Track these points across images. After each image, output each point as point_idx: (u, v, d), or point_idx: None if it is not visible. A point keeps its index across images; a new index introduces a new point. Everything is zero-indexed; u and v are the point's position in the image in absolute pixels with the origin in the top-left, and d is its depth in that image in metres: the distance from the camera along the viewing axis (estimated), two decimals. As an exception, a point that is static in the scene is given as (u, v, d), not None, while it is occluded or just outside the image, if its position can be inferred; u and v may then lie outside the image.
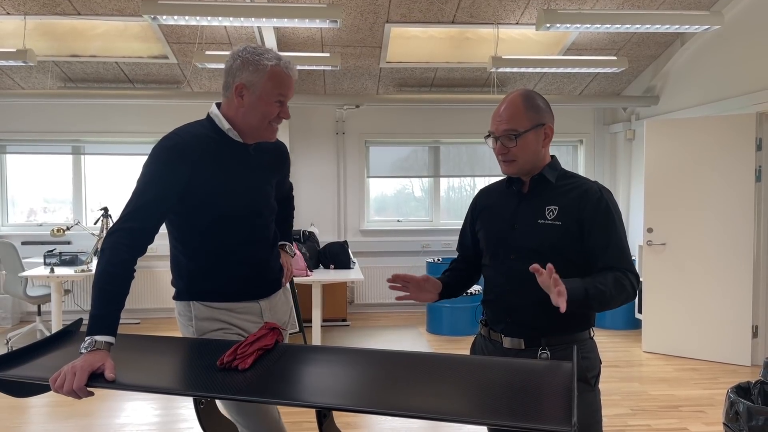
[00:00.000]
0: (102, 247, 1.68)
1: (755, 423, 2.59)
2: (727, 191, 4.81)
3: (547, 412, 1.23)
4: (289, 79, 1.87)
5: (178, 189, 1.78)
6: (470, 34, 5.60)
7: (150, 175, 1.79)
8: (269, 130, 1.90)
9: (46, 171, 6.72)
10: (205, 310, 1.89)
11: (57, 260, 5.32)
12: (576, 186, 1.78)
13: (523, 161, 1.78)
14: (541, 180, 1.81)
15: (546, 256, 1.67)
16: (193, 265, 1.90)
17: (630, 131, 6.53)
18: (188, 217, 1.85)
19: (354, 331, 6.03)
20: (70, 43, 5.56)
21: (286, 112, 1.89)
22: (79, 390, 1.47)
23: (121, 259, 1.65)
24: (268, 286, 2.03)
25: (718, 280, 4.87)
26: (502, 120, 1.77)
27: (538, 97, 1.81)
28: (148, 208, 1.75)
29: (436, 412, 1.25)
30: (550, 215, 1.75)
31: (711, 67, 5.24)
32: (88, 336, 1.54)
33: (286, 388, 1.42)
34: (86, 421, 3.70)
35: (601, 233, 1.72)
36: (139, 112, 6.50)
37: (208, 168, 1.82)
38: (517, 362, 1.57)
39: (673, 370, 4.71)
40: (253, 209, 1.92)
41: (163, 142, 1.82)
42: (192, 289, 1.91)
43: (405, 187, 7.19)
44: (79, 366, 1.48)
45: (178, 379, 1.48)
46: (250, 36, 5.29)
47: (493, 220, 1.87)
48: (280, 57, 1.87)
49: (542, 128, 1.78)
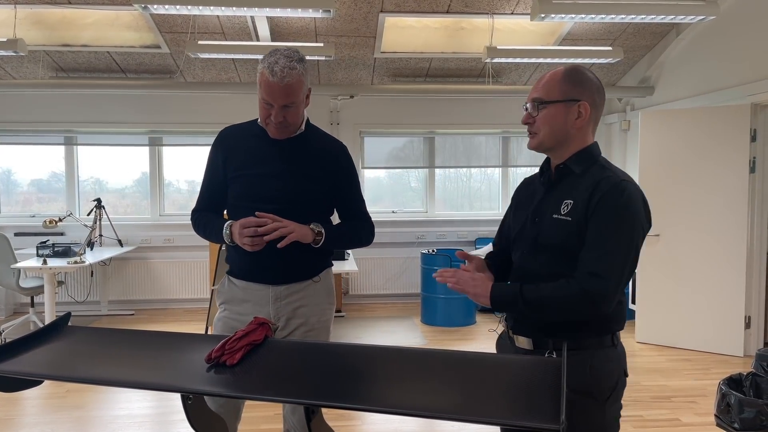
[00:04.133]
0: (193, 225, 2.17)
1: (746, 415, 2.61)
2: (722, 182, 4.81)
3: (536, 409, 1.23)
4: (270, 85, 1.91)
5: (221, 173, 2.08)
6: (465, 24, 5.56)
7: (206, 165, 2.16)
8: (270, 128, 2.03)
9: (39, 161, 6.67)
10: (228, 283, 2.14)
11: (50, 251, 5.29)
12: (596, 178, 1.57)
13: (545, 136, 1.62)
14: (566, 170, 1.64)
15: (554, 254, 1.58)
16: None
17: (625, 122, 6.52)
18: (228, 194, 2.11)
19: (349, 321, 6.03)
20: (62, 32, 5.50)
21: (275, 116, 1.95)
22: (249, 240, 1.92)
23: (194, 227, 2.17)
24: (280, 273, 2.06)
25: (711, 270, 4.88)
26: (537, 87, 1.64)
27: (586, 74, 1.62)
28: (203, 193, 2.17)
29: (424, 409, 1.24)
30: (564, 210, 1.58)
31: (706, 57, 5.23)
32: (225, 230, 2.01)
33: (275, 384, 1.41)
34: (79, 413, 3.70)
35: (593, 229, 1.52)
36: (132, 102, 6.45)
37: (239, 154, 2.06)
38: (509, 358, 1.56)
39: (666, 360, 4.73)
40: (264, 195, 2.01)
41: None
42: (227, 262, 2.17)
43: (401, 176, 7.18)
44: (235, 235, 1.97)
45: (165, 375, 1.47)
46: (244, 26, 5.24)
47: (520, 212, 1.76)
48: (275, 61, 1.90)
49: (575, 104, 1.59)
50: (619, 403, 1.61)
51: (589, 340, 1.56)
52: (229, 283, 2.15)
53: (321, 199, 2.09)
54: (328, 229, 2.06)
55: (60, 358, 1.62)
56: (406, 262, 6.81)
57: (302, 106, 2.02)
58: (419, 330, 5.69)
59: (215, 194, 2.13)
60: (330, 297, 2.18)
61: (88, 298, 6.41)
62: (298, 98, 1.96)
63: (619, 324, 1.62)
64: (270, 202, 1.99)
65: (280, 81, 1.89)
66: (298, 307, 2.08)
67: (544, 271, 1.59)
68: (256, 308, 2.06)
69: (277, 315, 2.07)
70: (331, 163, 2.11)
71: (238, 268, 2.12)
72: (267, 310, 2.06)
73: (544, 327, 1.60)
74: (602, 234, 1.51)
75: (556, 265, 1.58)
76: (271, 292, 2.06)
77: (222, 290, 2.17)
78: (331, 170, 2.10)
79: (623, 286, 1.54)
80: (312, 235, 2.01)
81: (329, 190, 2.10)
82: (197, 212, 2.17)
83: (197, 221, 2.15)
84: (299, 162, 2.05)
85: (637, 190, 1.56)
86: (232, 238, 2.00)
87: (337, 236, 2.10)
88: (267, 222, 1.92)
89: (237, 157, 2.06)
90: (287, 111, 1.96)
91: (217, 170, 2.10)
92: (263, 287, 2.06)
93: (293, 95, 1.94)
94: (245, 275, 2.10)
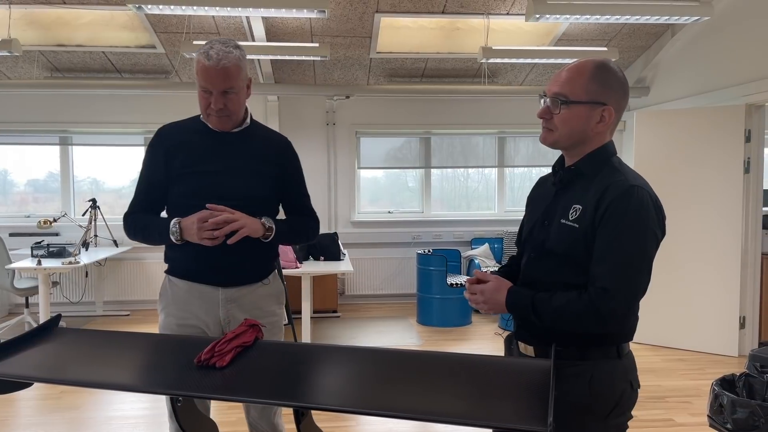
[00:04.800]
0: (124, 229, 2.07)
1: (739, 416, 2.61)
2: (716, 182, 4.82)
3: (526, 412, 1.23)
4: (207, 70, 1.88)
5: (162, 172, 2.00)
6: (461, 24, 5.56)
7: (142, 164, 2.08)
8: (210, 121, 2.00)
9: (35, 161, 6.65)
10: (169, 285, 2.06)
11: (44, 252, 5.28)
12: (606, 182, 1.47)
13: (562, 135, 1.52)
14: (576, 172, 1.54)
15: (560, 261, 1.50)
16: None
17: (621, 122, 6.52)
18: (170, 194, 2.04)
19: (344, 322, 6.03)
20: (56, 32, 5.49)
21: (215, 102, 1.92)
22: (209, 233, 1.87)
23: (128, 229, 2.07)
24: (228, 274, 2.00)
25: (706, 270, 4.89)
26: (559, 81, 1.51)
27: (615, 75, 1.50)
28: (139, 195, 2.07)
29: (414, 412, 1.24)
30: (572, 215, 1.49)
31: (701, 58, 5.24)
32: (173, 227, 1.93)
33: (265, 386, 1.41)
34: (73, 414, 3.69)
35: (602, 239, 1.43)
36: (127, 102, 6.43)
37: (183, 152, 2.00)
38: (500, 360, 1.56)
39: (661, 360, 4.74)
40: (212, 192, 1.94)
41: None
42: (166, 263, 2.09)
43: (399, 176, 7.18)
44: (189, 232, 1.90)
45: (155, 377, 1.47)
46: (239, 26, 5.23)
47: (532, 214, 1.67)
48: (210, 46, 1.89)
49: (600, 108, 1.48)
50: (625, 416, 1.51)
51: (591, 351, 1.48)
52: (171, 284, 2.06)
53: (269, 194, 2.06)
54: (277, 223, 2.03)
55: (49, 360, 1.62)
56: (402, 262, 6.80)
57: (243, 95, 1.98)
58: (415, 330, 5.69)
59: (154, 195, 2.05)
60: (280, 299, 2.16)
61: (83, 298, 6.40)
62: (236, 83, 1.92)
63: (626, 336, 1.53)
64: (218, 199, 1.93)
65: (216, 64, 1.86)
66: (250, 309, 2.03)
67: (548, 278, 1.53)
68: (204, 311, 2.00)
69: (227, 318, 2.01)
70: (278, 157, 2.08)
71: (183, 269, 2.03)
72: (216, 313, 2.00)
73: (544, 335, 1.52)
74: (612, 245, 1.42)
75: (560, 274, 1.51)
76: (221, 295, 2.00)
77: (163, 293, 2.08)
78: (277, 165, 2.07)
79: (637, 301, 1.47)
80: (262, 230, 1.97)
81: (276, 185, 2.07)
82: (132, 215, 2.06)
83: (134, 223, 2.05)
84: (246, 157, 2.02)
85: (649, 195, 1.47)
86: (181, 236, 1.93)
87: (286, 231, 2.06)
88: (222, 214, 1.87)
89: (180, 155, 1.99)
90: (227, 98, 1.92)
91: (157, 170, 2.02)
92: (212, 289, 2.00)
93: (231, 79, 1.90)
94: (192, 276, 2.01)
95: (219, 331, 2.00)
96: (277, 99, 6.55)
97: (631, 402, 1.52)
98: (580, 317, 1.43)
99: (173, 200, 2.02)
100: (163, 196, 2.03)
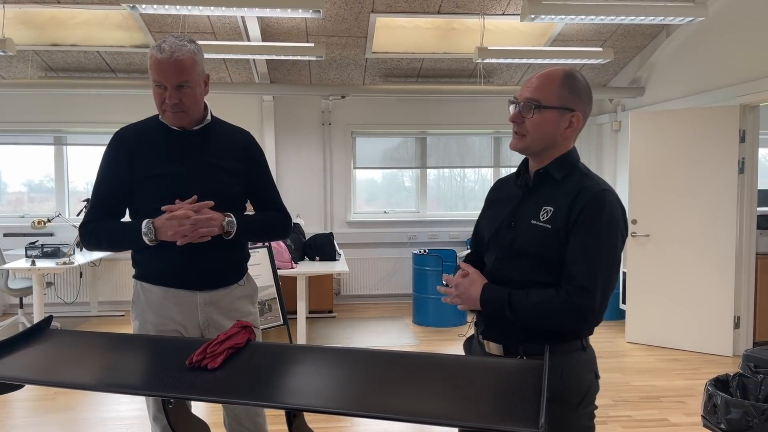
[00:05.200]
0: (81, 239, 2.01)
1: (733, 416, 2.62)
2: (711, 183, 4.83)
3: (516, 413, 1.23)
4: (160, 63, 1.84)
5: (125, 176, 1.94)
6: (456, 24, 5.56)
7: (99, 170, 2.01)
8: (167, 117, 1.95)
9: (30, 162, 6.63)
10: (142, 291, 2.01)
11: (39, 252, 5.26)
12: (577, 186, 1.56)
13: (534, 140, 1.59)
14: (546, 176, 1.62)
15: (531, 260, 1.57)
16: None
17: (616, 122, 6.54)
18: (133, 199, 1.98)
19: (340, 322, 6.02)
20: (51, 32, 5.47)
21: (169, 97, 1.87)
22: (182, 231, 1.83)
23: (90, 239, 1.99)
24: (206, 278, 1.97)
25: (701, 271, 4.90)
26: (530, 87, 1.59)
27: (582, 83, 1.60)
28: (100, 202, 1.99)
29: (404, 413, 1.24)
30: (543, 216, 1.56)
31: (696, 58, 5.25)
32: (144, 228, 1.86)
33: (257, 388, 1.41)
34: (68, 415, 3.68)
35: (577, 241, 1.51)
36: (122, 102, 6.41)
37: (145, 154, 1.95)
38: (491, 361, 1.56)
39: (656, 360, 4.75)
40: (180, 192, 1.88)
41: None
42: (135, 268, 2.04)
43: (395, 176, 7.18)
44: (163, 233, 1.85)
45: (146, 379, 1.46)
46: (234, 25, 5.22)
47: (496, 216, 1.72)
48: (163, 41, 1.87)
49: (569, 114, 1.58)
50: (592, 405, 1.61)
51: (559, 345, 1.54)
52: (144, 290, 2.00)
53: (238, 191, 2.02)
54: (241, 219, 1.97)
55: (41, 361, 1.61)
56: (398, 262, 6.80)
57: (199, 90, 1.93)
58: (411, 330, 5.69)
59: (116, 201, 1.97)
60: (254, 298, 2.14)
61: (78, 299, 6.38)
62: (191, 77, 1.87)
63: (590, 330, 1.62)
64: (184, 200, 1.88)
65: (169, 57, 1.82)
66: (228, 311, 2.01)
67: (519, 277, 1.58)
68: (182, 316, 1.96)
69: (206, 321, 1.98)
70: (241, 152, 2.04)
71: (156, 273, 1.97)
72: (195, 317, 1.97)
73: (514, 333, 1.58)
74: (588, 246, 1.51)
75: (531, 273, 1.57)
76: (199, 298, 1.97)
77: (136, 300, 2.02)
78: (242, 160, 2.03)
79: (608, 298, 1.55)
80: (219, 229, 1.91)
81: (243, 181, 2.03)
82: (91, 223, 1.97)
83: (95, 231, 1.96)
84: (210, 155, 1.98)
85: (617, 199, 1.57)
86: (156, 236, 1.86)
87: (251, 227, 2.02)
88: (193, 207, 1.84)
89: (143, 157, 1.94)
90: (182, 92, 1.87)
91: (119, 174, 1.95)
92: (190, 293, 1.96)
93: (185, 73, 1.85)
94: (167, 281, 1.96)
95: (198, 335, 1.98)
96: (272, 99, 6.54)
97: (596, 391, 1.62)
98: (560, 314, 1.50)
99: (137, 204, 1.96)
100: (125, 201, 1.97)
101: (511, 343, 1.60)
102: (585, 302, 1.48)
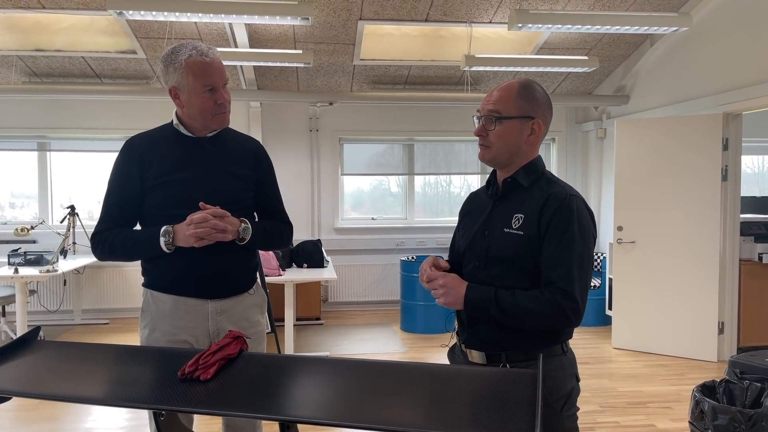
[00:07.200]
0: (93, 249, 1.97)
1: (720, 422, 2.64)
2: (695, 190, 4.90)
3: (510, 423, 1.23)
4: (208, 66, 1.86)
5: (137, 184, 1.93)
6: (444, 32, 5.59)
7: (110, 178, 2.00)
8: (216, 120, 1.95)
9: (13, 168, 6.54)
10: (152, 299, 1.98)
11: (22, 260, 5.19)
12: (545, 192, 1.63)
13: (499, 150, 1.66)
14: (513, 184, 1.69)
15: (507, 267, 1.62)
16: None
17: (601, 130, 6.61)
18: (145, 205, 1.96)
19: (328, 329, 6.00)
20: (35, 37, 5.41)
21: (221, 97, 1.90)
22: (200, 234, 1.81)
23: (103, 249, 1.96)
24: (219, 284, 1.97)
25: (685, 277, 4.96)
26: (491, 100, 1.67)
27: (538, 91, 1.68)
28: (111, 211, 1.96)
29: (397, 424, 1.23)
30: (515, 224, 1.63)
31: (679, 67, 5.32)
32: (163, 232, 1.85)
33: (250, 399, 1.39)
34: (52, 425, 3.62)
35: (552, 246, 1.58)
36: (107, 108, 6.36)
37: (158, 161, 1.93)
38: (484, 371, 1.56)
39: (642, 366, 4.79)
40: (192, 199, 1.87)
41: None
42: (146, 276, 2.02)
43: (381, 182, 7.18)
44: (182, 237, 1.84)
45: (137, 391, 1.44)
46: (221, 32, 5.21)
47: (470, 226, 1.78)
48: (196, 46, 1.87)
49: (530, 122, 1.65)
50: (575, 408, 1.66)
51: (540, 350, 1.57)
52: (154, 299, 1.98)
53: (249, 198, 2.03)
54: (253, 224, 1.97)
55: (29, 373, 1.58)
56: (386, 269, 6.80)
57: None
58: (399, 337, 5.68)
59: (128, 209, 1.96)
60: (263, 307, 2.14)
61: (61, 307, 6.29)
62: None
63: (569, 334, 1.68)
64: (197, 207, 1.87)
65: (214, 58, 1.87)
66: (238, 320, 2.00)
67: (498, 283, 1.63)
68: (193, 325, 1.95)
69: (216, 330, 1.97)
70: (252, 160, 2.06)
71: (167, 282, 1.95)
72: (206, 326, 1.97)
73: (497, 340, 1.64)
74: (564, 251, 1.58)
75: (509, 278, 1.62)
76: (210, 307, 1.96)
77: (146, 308, 2.00)
78: (253, 168, 2.05)
79: (587, 296, 1.63)
80: (236, 233, 1.92)
81: (254, 188, 2.05)
82: (104, 232, 1.94)
83: (108, 240, 1.93)
84: (223, 161, 1.99)
85: (584, 202, 1.65)
86: (173, 242, 1.85)
87: (261, 232, 2.01)
88: (218, 212, 1.85)
89: (155, 165, 1.92)
90: (226, 90, 1.92)
91: (131, 182, 1.93)
92: (201, 302, 1.95)
93: (225, 72, 1.93)
94: (178, 289, 1.94)
95: (207, 344, 1.95)
96: (260, 105, 6.52)
97: (578, 394, 1.68)
98: (546, 313, 1.56)
99: (149, 212, 1.95)
100: (138, 209, 1.95)
101: (494, 351, 1.65)
102: (569, 304, 1.55)
